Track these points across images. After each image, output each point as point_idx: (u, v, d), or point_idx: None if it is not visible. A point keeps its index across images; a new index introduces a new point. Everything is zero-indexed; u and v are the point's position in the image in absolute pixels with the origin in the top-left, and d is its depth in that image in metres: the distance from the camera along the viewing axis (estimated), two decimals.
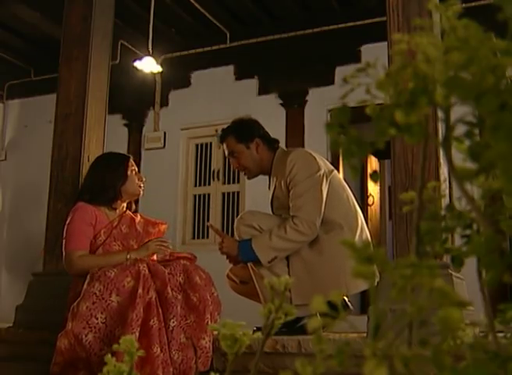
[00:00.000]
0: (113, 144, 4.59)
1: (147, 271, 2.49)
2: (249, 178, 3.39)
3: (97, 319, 2.39)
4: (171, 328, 2.47)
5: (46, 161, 3.66)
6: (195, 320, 2.53)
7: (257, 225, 2.99)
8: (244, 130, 3.25)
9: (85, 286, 2.50)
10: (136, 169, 3.07)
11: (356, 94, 0.54)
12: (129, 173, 2.97)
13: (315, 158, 3.11)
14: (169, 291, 2.52)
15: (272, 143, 3.27)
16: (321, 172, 3.05)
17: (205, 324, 2.53)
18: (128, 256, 2.73)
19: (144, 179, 3.04)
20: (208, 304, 2.57)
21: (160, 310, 2.47)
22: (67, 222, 2.85)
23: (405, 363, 0.45)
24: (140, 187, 3.01)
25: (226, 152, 3.30)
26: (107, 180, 2.92)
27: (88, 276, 2.54)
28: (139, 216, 3.02)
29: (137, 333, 2.32)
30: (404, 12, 2.81)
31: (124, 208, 3.01)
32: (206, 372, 2.49)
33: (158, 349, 2.37)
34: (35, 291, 3.39)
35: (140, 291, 2.41)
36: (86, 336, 2.37)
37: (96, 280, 2.47)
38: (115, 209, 2.95)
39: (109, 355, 0.75)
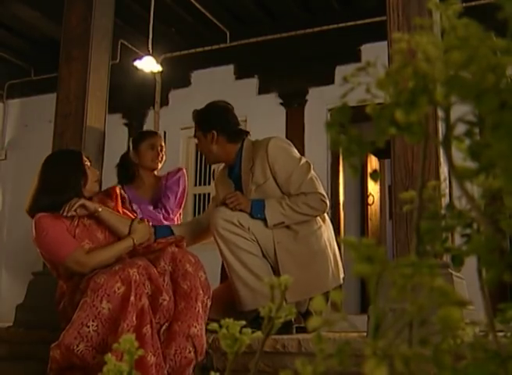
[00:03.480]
0: (113, 144, 4.59)
1: (137, 277, 2.39)
2: (207, 163, 3.47)
3: (88, 327, 2.31)
4: (162, 331, 2.43)
5: None
6: (185, 306, 2.46)
7: (237, 221, 2.96)
8: (204, 120, 3.25)
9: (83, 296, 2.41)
10: (89, 164, 2.87)
11: (356, 93, 0.54)
12: (87, 169, 2.79)
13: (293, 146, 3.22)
14: (165, 296, 2.45)
15: (236, 135, 3.23)
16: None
17: (196, 312, 2.45)
18: (134, 242, 2.68)
19: (98, 172, 2.88)
20: (198, 292, 2.48)
21: (152, 316, 2.40)
22: (40, 235, 2.63)
23: (405, 362, 0.45)
24: (96, 181, 2.83)
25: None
26: (68, 180, 2.73)
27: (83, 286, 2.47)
28: (93, 199, 2.84)
29: None
30: (404, 12, 2.81)
31: None
32: (206, 369, 2.49)
33: (152, 357, 2.31)
34: (35, 291, 3.39)
35: (132, 298, 2.32)
36: (77, 346, 2.30)
37: (87, 287, 2.39)
38: None
39: (109, 354, 0.74)
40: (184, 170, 3.92)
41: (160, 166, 3.80)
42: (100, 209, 2.70)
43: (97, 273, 2.46)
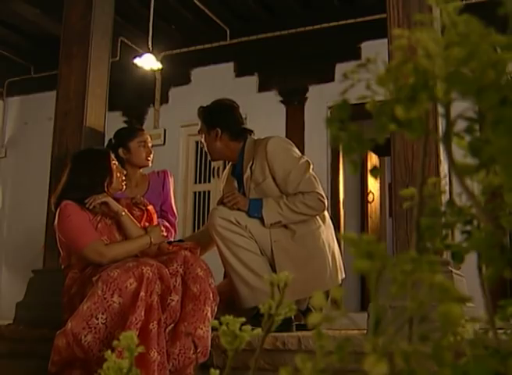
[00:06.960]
0: None
1: (150, 274, 2.44)
2: (211, 160, 3.52)
3: (97, 319, 2.34)
4: (168, 331, 2.48)
5: (46, 158, 3.66)
6: (193, 308, 2.51)
7: (234, 219, 2.97)
8: (208, 117, 3.28)
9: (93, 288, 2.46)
10: (117, 163, 3.00)
11: (356, 91, 0.54)
12: (113, 168, 2.90)
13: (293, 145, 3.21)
14: (174, 297, 2.51)
15: (239, 134, 3.24)
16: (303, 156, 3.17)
17: (204, 315, 2.51)
18: (151, 240, 2.76)
19: (125, 172, 2.99)
20: (208, 296, 2.55)
21: (161, 314, 2.45)
22: (63, 220, 2.73)
23: (405, 359, 0.45)
24: (122, 181, 2.94)
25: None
26: (95, 177, 2.84)
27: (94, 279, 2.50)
28: (121, 201, 2.95)
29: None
30: (404, 9, 2.81)
31: None
32: (206, 367, 2.49)
33: (156, 354, 2.34)
34: (35, 288, 3.40)
35: (142, 293, 2.37)
36: (85, 337, 2.33)
37: (100, 279, 2.42)
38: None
39: (109, 352, 0.75)
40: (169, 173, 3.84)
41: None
42: (123, 214, 2.81)
43: (111, 266, 2.51)
